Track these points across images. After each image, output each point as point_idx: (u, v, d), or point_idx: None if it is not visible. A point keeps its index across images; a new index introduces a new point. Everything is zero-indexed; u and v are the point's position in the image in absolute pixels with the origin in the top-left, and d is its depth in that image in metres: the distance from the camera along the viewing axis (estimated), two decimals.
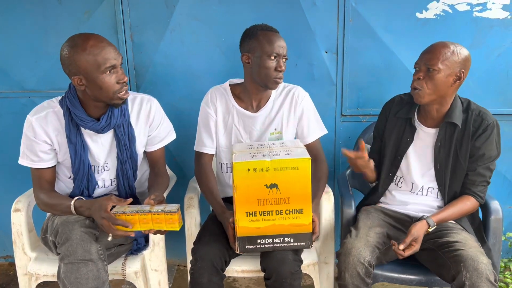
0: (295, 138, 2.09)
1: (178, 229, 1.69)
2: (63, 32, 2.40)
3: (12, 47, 2.46)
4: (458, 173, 1.90)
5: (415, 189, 1.99)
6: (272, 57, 1.89)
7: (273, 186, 1.68)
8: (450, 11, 2.31)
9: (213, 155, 2.09)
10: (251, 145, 1.87)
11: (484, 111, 1.90)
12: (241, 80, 2.09)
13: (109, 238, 1.69)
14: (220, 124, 2.05)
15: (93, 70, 1.66)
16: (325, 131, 2.11)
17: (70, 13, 2.39)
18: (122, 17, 2.38)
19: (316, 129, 2.08)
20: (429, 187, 1.97)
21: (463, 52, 1.82)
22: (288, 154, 1.70)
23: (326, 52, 2.40)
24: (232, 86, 2.08)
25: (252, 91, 2.01)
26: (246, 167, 1.65)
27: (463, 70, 1.82)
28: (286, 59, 1.94)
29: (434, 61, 1.78)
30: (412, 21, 2.33)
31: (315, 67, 2.42)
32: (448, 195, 1.93)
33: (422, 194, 1.98)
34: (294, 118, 2.05)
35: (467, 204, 1.87)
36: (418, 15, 2.32)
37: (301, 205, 1.70)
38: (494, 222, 1.92)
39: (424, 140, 1.96)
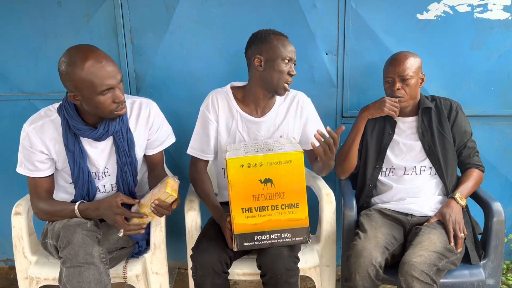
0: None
1: (175, 196, 1.72)
2: (63, 35, 2.41)
3: (11, 50, 2.46)
4: (447, 148, 2.05)
5: (409, 171, 2.08)
6: (286, 61, 1.88)
7: (268, 181, 1.69)
8: (451, 12, 2.31)
9: (208, 161, 2.09)
10: (245, 144, 1.88)
11: (448, 98, 2.14)
12: (243, 83, 2.06)
13: (120, 234, 1.70)
14: (223, 129, 2.01)
15: (90, 91, 1.63)
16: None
17: (70, 16, 2.39)
18: (122, 19, 2.38)
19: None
20: (421, 166, 2.07)
21: (418, 58, 2.08)
22: (281, 148, 1.72)
23: (326, 54, 2.40)
24: (234, 90, 2.04)
25: (258, 96, 1.98)
26: (240, 163, 1.66)
27: (422, 72, 2.11)
28: (295, 64, 1.94)
29: (406, 71, 2.03)
30: (412, 22, 2.33)
31: (315, 69, 2.41)
32: (447, 173, 2.04)
33: (416, 174, 2.07)
34: (300, 124, 2.05)
35: (475, 173, 2.05)
36: (419, 16, 2.32)
37: (297, 199, 1.71)
38: (497, 224, 1.91)
39: (405, 130, 2.12)
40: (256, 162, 1.67)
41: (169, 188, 1.69)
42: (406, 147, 2.09)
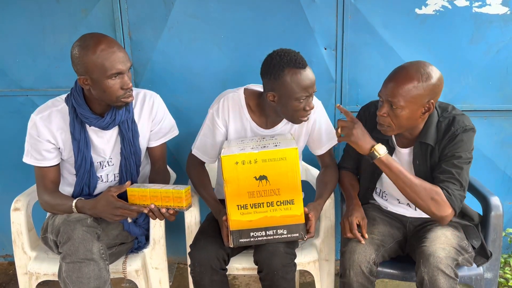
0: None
1: (184, 207, 1.72)
2: (61, 30, 2.40)
3: (9, 45, 2.45)
4: None
5: (404, 202, 1.96)
6: (302, 100, 1.76)
7: (262, 178, 1.69)
8: (450, 6, 2.30)
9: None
10: (241, 140, 1.88)
11: (457, 119, 1.76)
12: (259, 88, 1.96)
13: (129, 220, 1.77)
14: (232, 135, 1.96)
15: (100, 74, 1.66)
16: (335, 142, 2.03)
17: (68, 11, 2.38)
18: (120, 14, 2.37)
19: (326, 141, 2.02)
20: None
21: (429, 81, 1.64)
22: (276, 145, 1.72)
23: (325, 49, 2.40)
24: (248, 96, 1.94)
25: (270, 115, 1.91)
26: (234, 160, 1.67)
27: (432, 100, 1.67)
28: (315, 91, 1.81)
29: (396, 98, 1.64)
30: (411, 17, 2.33)
31: (314, 64, 2.41)
32: None
33: (410, 206, 1.96)
34: (306, 130, 2.00)
35: (433, 188, 1.70)
36: (417, 11, 2.32)
37: (292, 195, 1.71)
38: (495, 218, 1.92)
39: (401, 159, 1.89)
40: (251, 159, 1.67)
41: (176, 202, 1.72)
42: None
